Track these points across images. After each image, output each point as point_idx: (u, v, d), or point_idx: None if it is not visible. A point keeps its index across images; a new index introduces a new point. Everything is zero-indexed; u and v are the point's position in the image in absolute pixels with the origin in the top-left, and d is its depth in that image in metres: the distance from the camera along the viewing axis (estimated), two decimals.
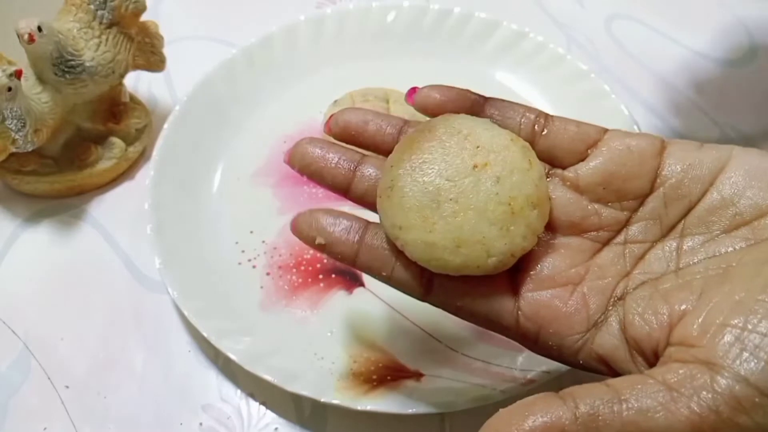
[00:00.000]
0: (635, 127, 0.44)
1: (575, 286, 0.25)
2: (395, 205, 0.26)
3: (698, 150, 0.25)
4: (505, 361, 0.36)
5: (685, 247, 0.24)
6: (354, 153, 0.28)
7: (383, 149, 0.28)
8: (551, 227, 0.26)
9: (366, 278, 0.40)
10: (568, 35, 0.55)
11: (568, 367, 0.34)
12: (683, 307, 0.22)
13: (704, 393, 0.19)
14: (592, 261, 0.25)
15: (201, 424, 0.36)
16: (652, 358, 0.22)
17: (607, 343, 0.24)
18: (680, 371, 0.20)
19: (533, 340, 0.25)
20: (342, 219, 0.28)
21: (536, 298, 0.25)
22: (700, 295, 0.22)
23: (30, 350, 0.38)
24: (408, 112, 0.46)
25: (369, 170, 0.28)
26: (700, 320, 0.21)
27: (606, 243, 0.25)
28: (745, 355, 0.19)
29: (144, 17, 0.43)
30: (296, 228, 0.28)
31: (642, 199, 0.25)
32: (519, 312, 0.25)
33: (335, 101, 0.47)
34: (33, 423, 0.35)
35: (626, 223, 0.25)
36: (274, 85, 0.49)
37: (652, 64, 0.53)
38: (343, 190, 0.28)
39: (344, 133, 0.29)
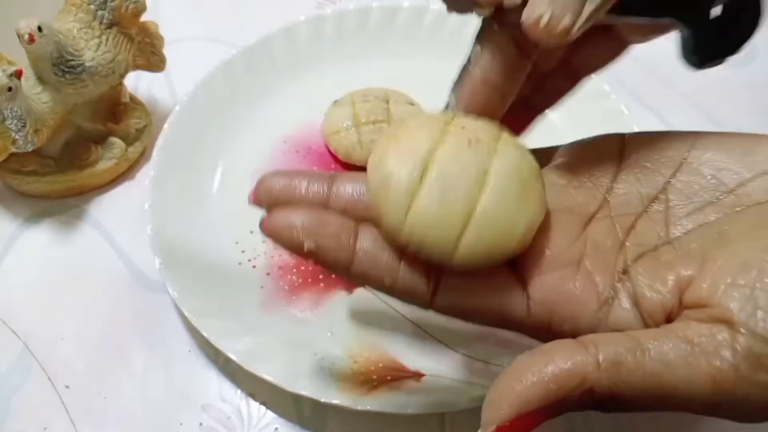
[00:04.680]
0: (635, 128, 0.44)
1: (578, 264, 0.24)
2: (401, 191, 0.23)
3: (659, 134, 0.25)
4: (504, 361, 0.36)
5: (672, 218, 0.24)
6: (322, 173, 0.26)
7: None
8: None
9: None
10: None
11: None
12: (689, 272, 0.22)
13: (724, 350, 0.19)
14: (586, 235, 0.25)
15: (201, 424, 0.36)
16: None
17: (621, 319, 0.23)
18: (700, 328, 0.20)
19: (546, 329, 0.24)
20: (330, 217, 0.24)
21: (544, 282, 0.24)
22: (703, 260, 0.22)
23: (30, 350, 0.38)
24: (409, 111, 0.46)
25: (345, 187, 0.26)
26: (709, 281, 0.21)
27: (591, 217, 0.25)
28: (760, 313, 0.19)
29: (144, 17, 0.43)
30: (272, 230, 0.24)
31: (613, 175, 0.25)
32: (529, 301, 0.24)
33: (335, 102, 0.47)
34: (33, 423, 0.35)
35: (604, 197, 0.25)
36: (274, 85, 0.49)
37: (652, 64, 0.53)
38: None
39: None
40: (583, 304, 0.23)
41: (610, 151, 0.26)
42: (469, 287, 0.24)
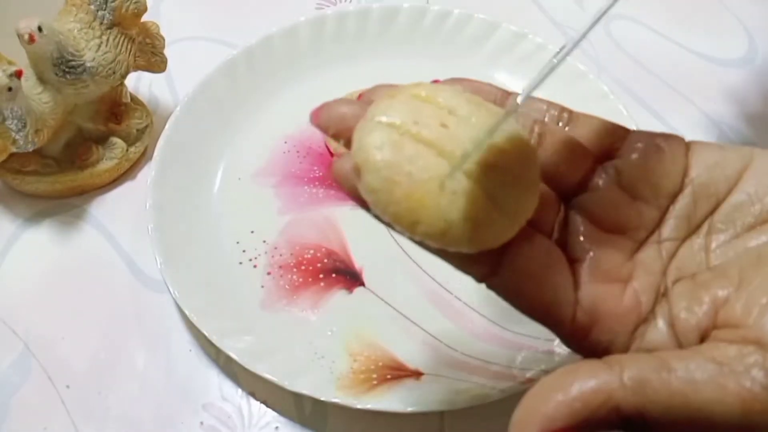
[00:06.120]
0: (634, 128, 0.44)
1: (626, 284, 0.24)
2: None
3: (722, 150, 0.25)
4: (503, 361, 0.36)
5: (713, 244, 0.24)
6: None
7: None
8: (601, 224, 0.25)
9: (366, 278, 0.40)
10: (567, 36, 0.55)
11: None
12: (725, 292, 0.22)
13: (756, 371, 0.19)
14: (636, 258, 0.25)
15: (202, 423, 0.36)
16: None
17: (656, 339, 0.23)
18: (729, 349, 0.20)
19: (583, 337, 0.24)
20: None
21: (596, 291, 0.24)
22: (739, 281, 0.22)
23: (30, 350, 0.38)
24: None
25: None
26: (743, 301, 0.21)
27: (643, 242, 0.25)
28: None
29: (145, 18, 0.43)
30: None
31: (673, 197, 0.25)
32: (577, 306, 0.24)
33: None
34: (33, 423, 0.36)
35: (660, 221, 0.25)
36: (275, 86, 0.49)
37: (651, 65, 0.53)
38: None
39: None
40: (624, 321, 0.24)
41: (676, 164, 0.25)
42: (530, 273, 0.24)
